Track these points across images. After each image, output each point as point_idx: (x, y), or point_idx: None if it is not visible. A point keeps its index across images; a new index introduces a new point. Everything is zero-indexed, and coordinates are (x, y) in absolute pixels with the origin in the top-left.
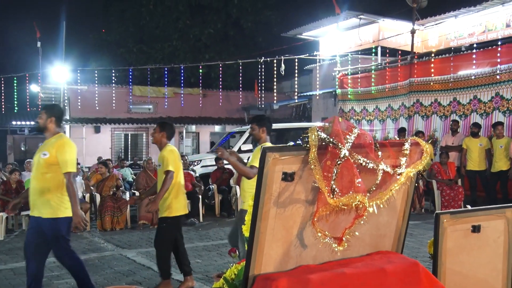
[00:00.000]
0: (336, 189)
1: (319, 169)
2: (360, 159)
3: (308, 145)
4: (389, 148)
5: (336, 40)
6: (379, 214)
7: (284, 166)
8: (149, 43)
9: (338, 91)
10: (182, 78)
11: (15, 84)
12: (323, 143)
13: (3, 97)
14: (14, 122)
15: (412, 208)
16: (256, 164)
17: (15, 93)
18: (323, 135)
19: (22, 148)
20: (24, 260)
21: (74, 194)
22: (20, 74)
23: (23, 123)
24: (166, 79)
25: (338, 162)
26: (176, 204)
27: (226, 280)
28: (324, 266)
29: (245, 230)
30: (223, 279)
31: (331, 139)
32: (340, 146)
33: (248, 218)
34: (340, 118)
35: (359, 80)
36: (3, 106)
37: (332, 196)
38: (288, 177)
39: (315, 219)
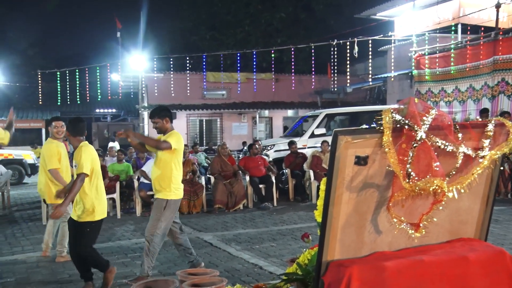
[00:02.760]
0: (412, 173)
1: (393, 152)
2: (438, 142)
3: (382, 128)
4: (470, 130)
5: (412, 19)
6: (459, 200)
7: (357, 150)
8: (221, 29)
9: (415, 72)
10: (254, 63)
11: (97, 74)
12: (398, 125)
13: (87, 86)
14: (97, 110)
15: (496, 193)
16: (170, 141)
17: (98, 83)
18: (398, 117)
19: (105, 135)
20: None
21: None
22: (102, 64)
23: (106, 110)
24: (238, 65)
25: (414, 145)
26: (99, 207)
27: (299, 265)
28: (401, 253)
29: (317, 216)
30: (296, 264)
31: (407, 121)
32: (416, 128)
33: (319, 203)
34: (416, 99)
35: (437, 60)
36: (87, 95)
37: (408, 181)
38: (361, 160)
39: (391, 204)
